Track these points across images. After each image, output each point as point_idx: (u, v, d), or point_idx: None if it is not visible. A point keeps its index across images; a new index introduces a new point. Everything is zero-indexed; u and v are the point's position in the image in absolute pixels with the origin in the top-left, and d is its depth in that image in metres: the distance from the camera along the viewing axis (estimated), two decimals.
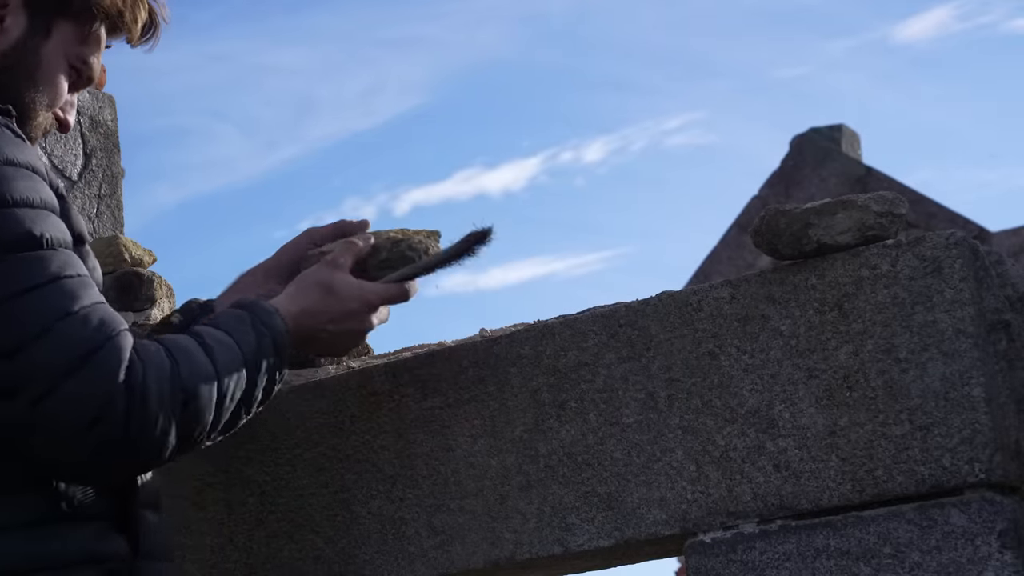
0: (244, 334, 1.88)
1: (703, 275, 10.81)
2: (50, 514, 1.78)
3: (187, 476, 2.33)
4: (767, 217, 2.01)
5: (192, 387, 1.79)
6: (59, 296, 1.73)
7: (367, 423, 2.22)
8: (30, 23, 1.94)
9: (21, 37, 1.94)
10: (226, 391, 1.83)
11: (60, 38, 1.97)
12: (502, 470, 2.12)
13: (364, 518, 2.20)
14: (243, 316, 1.91)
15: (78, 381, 1.70)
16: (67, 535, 1.79)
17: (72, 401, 1.70)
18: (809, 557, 1.93)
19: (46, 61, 1.96)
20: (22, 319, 1.71)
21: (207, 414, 1.81)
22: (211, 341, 1.84)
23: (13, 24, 1.93)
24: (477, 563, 2.12)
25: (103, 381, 1.71)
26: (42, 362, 1.70)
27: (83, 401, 1.70)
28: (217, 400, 1.82)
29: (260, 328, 1.90)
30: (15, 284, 1.71)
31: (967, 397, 1.88)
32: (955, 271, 1.91)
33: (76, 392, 1.70)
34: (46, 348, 1.70)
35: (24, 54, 1.94)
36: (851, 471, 1.92)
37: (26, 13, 1.94)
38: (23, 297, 1.71)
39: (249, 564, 2.26)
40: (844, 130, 11.30)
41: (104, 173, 2.83)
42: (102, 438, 1.72)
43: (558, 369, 2.11)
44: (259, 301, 1.94)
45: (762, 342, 2.00)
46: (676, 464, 2.02)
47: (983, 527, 1.85)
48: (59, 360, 1.70)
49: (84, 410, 1.70)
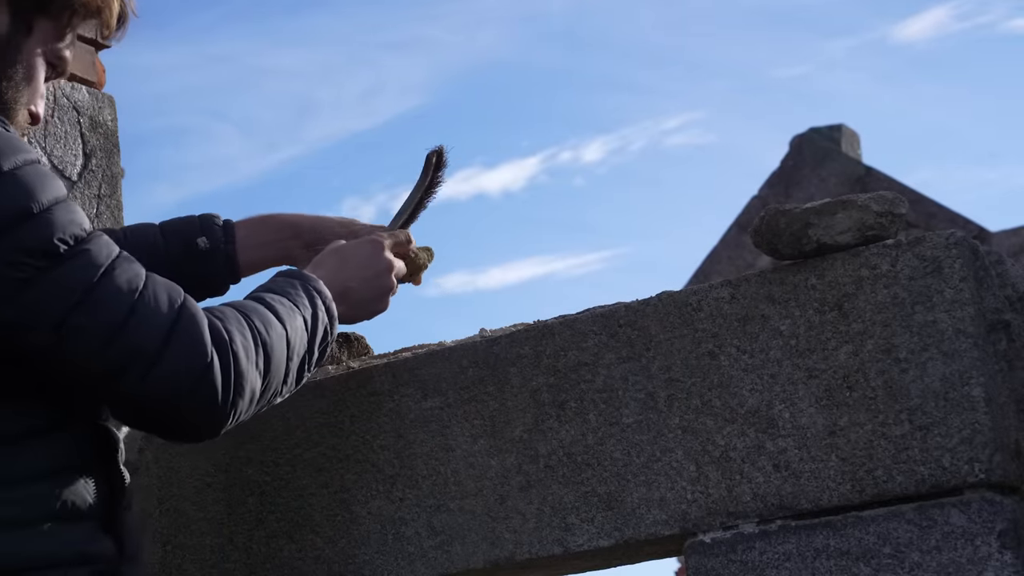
0: (297, 296, 1.95)
1: (703, 275, 10.82)
2: (46, 512, 1.78)
3: (187, 476, 2.33)
4: (767, 217, 2.01)
5: (269, 340, 1.86)
6: (121, 281, 1.77)
7: (367, 423, 2.23)
8: (12, 21, 1.94)
9: (4, 36, 1.93)
10: (294, 346, 1.90)
11: (40, 36, 1.97)
12: (502, 470, 2.12)
13: (364, 518, 2.20)
14: (293, 281, 1.98)
15: (173, 350, 1.76)
16: (61, 534, 1.79)
17: (174, 371, 1.76)
18: (809, 557, 1.93)
19: (27, 59, 1.96)
20: (102, 311, 1.75)
21: (283, 368, 1.89)
22: (272, 301, 1.91)
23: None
24: (477, 563, 2.12)
25: (196, 345, 1.78)
26: (137, 341, 1.75)
27: (184, 369, 1.77)
28: (288, 355, 1.89)
29: (310, 290, 1.98)
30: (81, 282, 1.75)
31: (967, 397, 1.88)
32: (955, 271, 1.91)
33: (176, 362, 1.76)
34: (134, 329, 1.76)
35: (6, 52, 1.94)
36: (851, 471, 1.92)
37: (8, 12, 1.94)
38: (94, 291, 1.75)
39: (249, 564, 2.26)
40: (844, 130, 11.30)
41: (104, 173, 2.82)
42: (207, 398, 1.78)
43: (558, 369, 2.11)
44: (308, 274, 2.02)
45: (762, 342, 2.00)
46: (676, 464, 2.02)
47: (983, 527, 1.85)
48: (152, 335, 1.76)
49: (187, 375, 1.77)
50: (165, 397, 1.77)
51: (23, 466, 1.77)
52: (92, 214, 2.79)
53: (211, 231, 2.29)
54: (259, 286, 1.99)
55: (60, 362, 1.76)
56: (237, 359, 1.81)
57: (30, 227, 1.73)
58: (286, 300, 1.93)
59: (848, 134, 11.33)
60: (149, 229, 2.33)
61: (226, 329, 1.81)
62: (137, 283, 1.78)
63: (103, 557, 1.83)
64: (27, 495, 1.77)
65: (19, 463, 1.77)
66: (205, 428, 1.83)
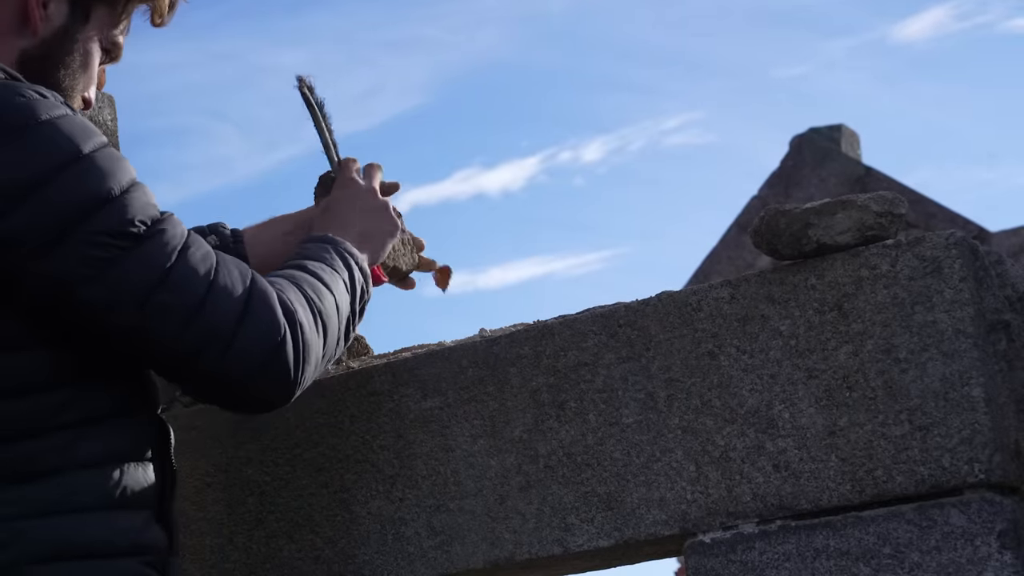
0: (334, 260, 2.01)
1: (703, 275, 10.81)
2: (103, 499, 1.80)
3: (187, 476, 2.33)
4: (767, 217, 2.01)
5: (324, 308, 1.92)
6: (195, 261, 1.82)
7: (367, 423, 2.22)
8: (71, 10, 1.97)
9: (63, 24, 1.97)
10: (342, 309, 1.96)
11: (97, 23, 2.01)
12: (502, 470, 2.12)
13: (364, 518, 2.20)
14: (325, 246, 2.04)
15: (248, 328, 1.81)
16: (117, 522, 1.81)
17: (251, 348, 1.81)
18: (809, 557, 1.93)
19: (84, 47, 1.99)
20: (180, 293, 1.79)
21: (336, 332, 1.95)
22: (316, 268, 1.97)
23: (56, 11, 1.96)
24: (477, 563, 2.12)
25: (270, 321, 1.83)
26: (215, 321, 1.80)
27: (260, 345, 1.82)
28: (338, 319, 1.95)
29: (343, 252, 2.03)
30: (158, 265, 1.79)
31: (967, 397, 1.88)
32: (955, 271, 1.91)
33: (251, 339, 1.81)
34: (210, 309, 1.80)
35: (64, 41, 1.97)
36: (851, 471, 1.92)
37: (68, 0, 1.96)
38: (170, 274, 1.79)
39: (249, 564, 2.26)
40: (844, 130, 11.29)
41: None
42: (281, 372, 1.84)
43: (558, 369, 2.11)
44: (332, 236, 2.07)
45: (762, 342, 2.00)
46: (676, 464, 2.02)
47: (983, 527, 1.85)
48: (225, 315, 1.81)
49: (262, 352, 1.82)
50: (242, 374, 1.82)
51: (85, 451, 1.80)
52: None
53: (219, 233, 2.31)
54: (294, 253, 2.03)
55: (144, 341, 1.80)
56: (303, 331, 1.86)
57: (112, 209, 1.78)
58: (325, 266, 1.98)
59: (848, 134, 11.32)
60: None
61: (292, 302, 1.86)
62: (211, 262, 1.83)
63: (155, 548, 1.86)
64: (86, 481, 1.79)
65: (81, 448, 1.79)
66: (278, 400, 1.88)
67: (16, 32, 1.94)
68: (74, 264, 1.75)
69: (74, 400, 1.80)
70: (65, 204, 1.75)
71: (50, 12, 1.95)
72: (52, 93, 1.85)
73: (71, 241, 1.75)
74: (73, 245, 1.75)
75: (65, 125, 1.79)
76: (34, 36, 1.95)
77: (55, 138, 1.78)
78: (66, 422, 1.79)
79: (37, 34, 1.95)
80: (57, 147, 1.77)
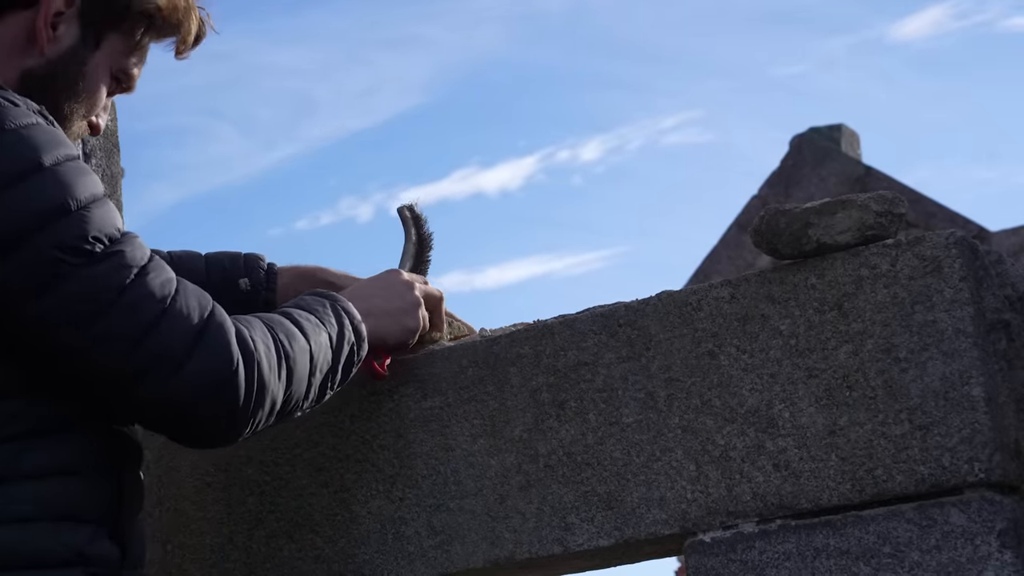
0: (326, 315, 1.96)
1: (703, 275, 10.81)
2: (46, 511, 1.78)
3: (187, 476, 2.33)
4: (767, 217, 2.01)
5: (292, 354, 1.87)
6: (152, 284, 1.78)
7: (367, 423, 2.22)
8: (82, 34, 1.95)
9: (71, 47, 1.95)
10: (317, 362, 1.91)
11: (108, 50, 1.99)
12: (502, 470, 2.12)
13: (364, 518, 2.20)
14: (322, 300, 1.99)
15: (200, 355, 1.77)
16: (60, 534, 1.78)
17: (199, 375, 1.77)
18: (809, 557, 1.93)
19: (91, 72, 1.98)
20: (131, 314, 1.75)
21: (304, 382, 1.89)
22: (299, 317, 1.92)
23: (66, 33, 1.94)
24: (477, 563, 2.12)
25: (222, 350, 1.79)
26: (163, 347, 1.76)
27: (209, 373, 1.78)
28: (310, 370, 1.90)
29: (338, 309, 1.99)
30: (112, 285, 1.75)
31: (967, 397, 1.88)
32: (955, 271, 1.91)
33: (201, 366, 1.77)
34: (162, 333, 1.76)
35: (70, 64, 1.95)
36: (851, 471, 1.92)
37: (79, 24, 1.95)
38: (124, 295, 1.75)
39: (249, 564, 2.26)
40: (844, 130, 11.30)
41: (104, 173, 2.82)
42: (228, 405, 1.80)
43: (558, 369, 2.11)
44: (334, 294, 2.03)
45: (762, 342, 2.00)
46: (676, 464, 2.02)
47: (983, 527, 1.85)
48: (176, 341, 1.76)
49: (211, 381, 1.78)
50: (188, 399, 1.77)
51: (29, 462, 1.77)
52: None
53: (254, 273, 2.29)
54: (288, 302, 1.99)
55: (86, 362, 1.75)
56: (260, 369, 1.81)
57: (68, 223, 1.73)
58: (313, 316, 1.93)
59: (848, 134, 11.33)
60: (195, 259, 2.32)
61: (252, 338, 1.82)
62: (169, 289, 1.79)
63: (102, 560, 1.83)
64: (31, 491, 1.77)
65: (26, 459, 1.77)
66: (221, 435, 1.84)
67: (22, 50, 1.93)
68: (24, 276, 1.71)
69: (23, 412, 1.78)
70: (21, 213, 1.71)
71: (59, 33, 1.94)
72: (25, 101, 1.82)
73: (24, 252, 1.71)
74: (26, 256, 1.71)
75: (31, 135, 1.76)
76: (40, 56, 1.93)
77: (17, 147, 1.74)
78: (12, 434, 1.76)
79: (43, 54, 1.93)
80: (19, 155, 1.74)
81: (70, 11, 1.94)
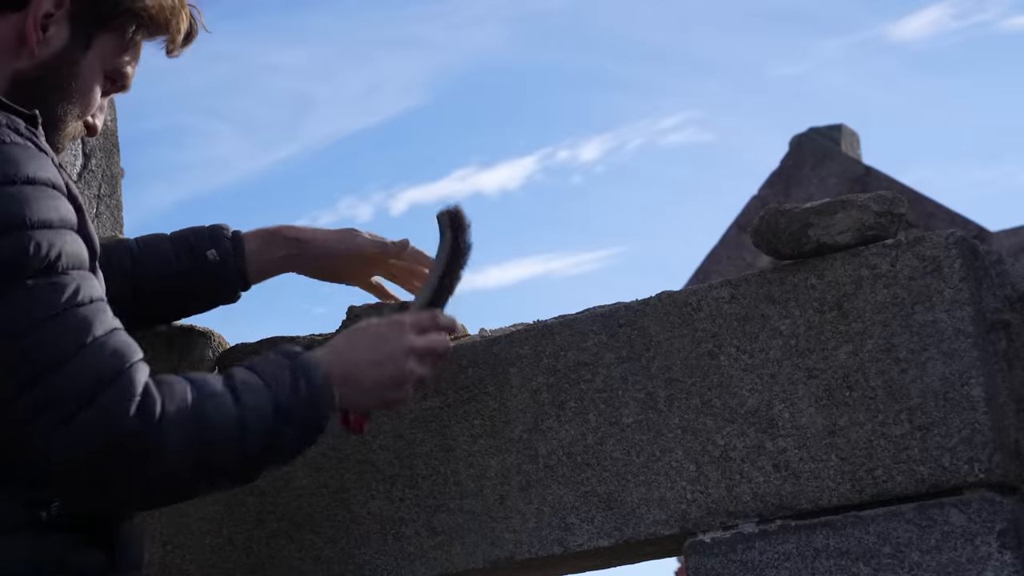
0: (280, 383, 1.84)
1: (703, 275, 10.82)
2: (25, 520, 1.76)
3: None
4: (767, 217, 2.01)
5: (212, 425, 1.77)
6: (74, 326, 1.72)
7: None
8: (72, 34, 1.94)
9: (62, 48, 1.94)
10: (249, 434, 1.80)
11: (99, 50, 1.97)
12: (502, 470, 2.12)
13: (364, 518, 2.20)
14: (283, 363, 1.87)
15: (94, 411, 1.70)
16: (39, 542, 1.77)
17: (87, 431, 1.70)
18: (809, 557, 1.93)
19: (83, 73, 1.96)
20: (40, 350, 1.70)
21: (227, 455, 1.79)
22: (239, 382, 1.82)
23: (56, 34, 1.93)
24: (477, 563, 2.12)
25: (117, 413, 1.71)
26: (60, 391, 1.69)
27: (97, 432, 1.70)
28: (238, 442, 1.79)
29: (298, 377, 1.86)
30: (31, 314, 1.70)
31: (967, 397, 1.88)
32: (955, 271, 1.91)
33: (91, 422, 1.70)
34: (64, 378, 1.70)
35: (61, 65, 1.94)
36: (851, 471, 1.92)
37: (69, 24, 1.94)
38: (40, 328, 1.70)
39: (249, 564, 2.26)
40: (843, 130, 11.31)
41: (103, 173, 2.82)
42: (116, 469, 1.72)
43: (558, 369, 2.11)
44: (303, 353, 1.89)
45: (762, 342, 2.00)
46: (676, 464, 2.02)
47: (983, 527, 1.85)
48: (75, 390, 1.70)
49: (98, 441, 1.70)
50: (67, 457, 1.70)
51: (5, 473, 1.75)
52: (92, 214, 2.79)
53: (220, 243, 2.25)
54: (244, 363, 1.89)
55: None
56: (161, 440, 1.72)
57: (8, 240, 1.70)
58: (261, 381, 1.83)
59: (848, 134, 11.34)
60: (161, 242, 2.28)
61: (160, 409, 1.73)
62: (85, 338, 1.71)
63: (86, 568, 1.81)
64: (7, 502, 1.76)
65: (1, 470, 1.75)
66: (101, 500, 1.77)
67: (12, 52, 1.92)
68: None
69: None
70: None
71: (49, 35, 1.92)
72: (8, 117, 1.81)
73: None
74: None
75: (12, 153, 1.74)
76: (31, 57, 1.92)
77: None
78: None
79: (34, 56, 1.92)
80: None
81: (60, 12, 1.93)
